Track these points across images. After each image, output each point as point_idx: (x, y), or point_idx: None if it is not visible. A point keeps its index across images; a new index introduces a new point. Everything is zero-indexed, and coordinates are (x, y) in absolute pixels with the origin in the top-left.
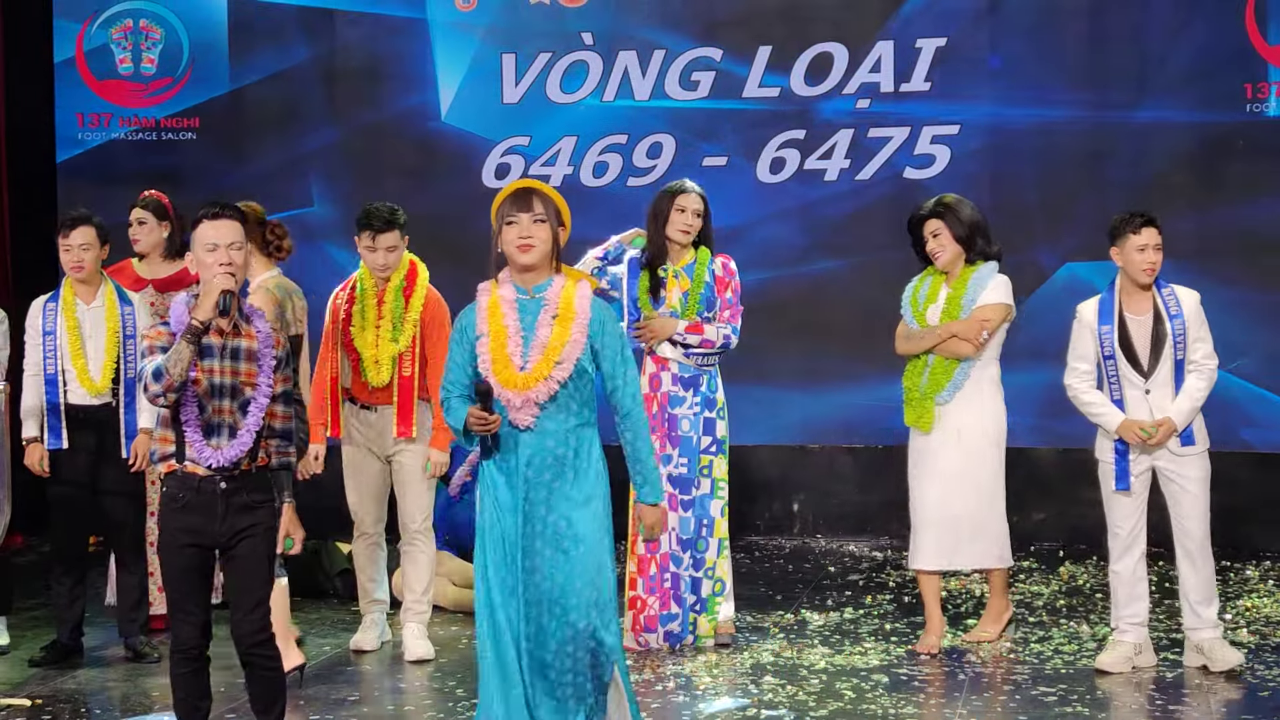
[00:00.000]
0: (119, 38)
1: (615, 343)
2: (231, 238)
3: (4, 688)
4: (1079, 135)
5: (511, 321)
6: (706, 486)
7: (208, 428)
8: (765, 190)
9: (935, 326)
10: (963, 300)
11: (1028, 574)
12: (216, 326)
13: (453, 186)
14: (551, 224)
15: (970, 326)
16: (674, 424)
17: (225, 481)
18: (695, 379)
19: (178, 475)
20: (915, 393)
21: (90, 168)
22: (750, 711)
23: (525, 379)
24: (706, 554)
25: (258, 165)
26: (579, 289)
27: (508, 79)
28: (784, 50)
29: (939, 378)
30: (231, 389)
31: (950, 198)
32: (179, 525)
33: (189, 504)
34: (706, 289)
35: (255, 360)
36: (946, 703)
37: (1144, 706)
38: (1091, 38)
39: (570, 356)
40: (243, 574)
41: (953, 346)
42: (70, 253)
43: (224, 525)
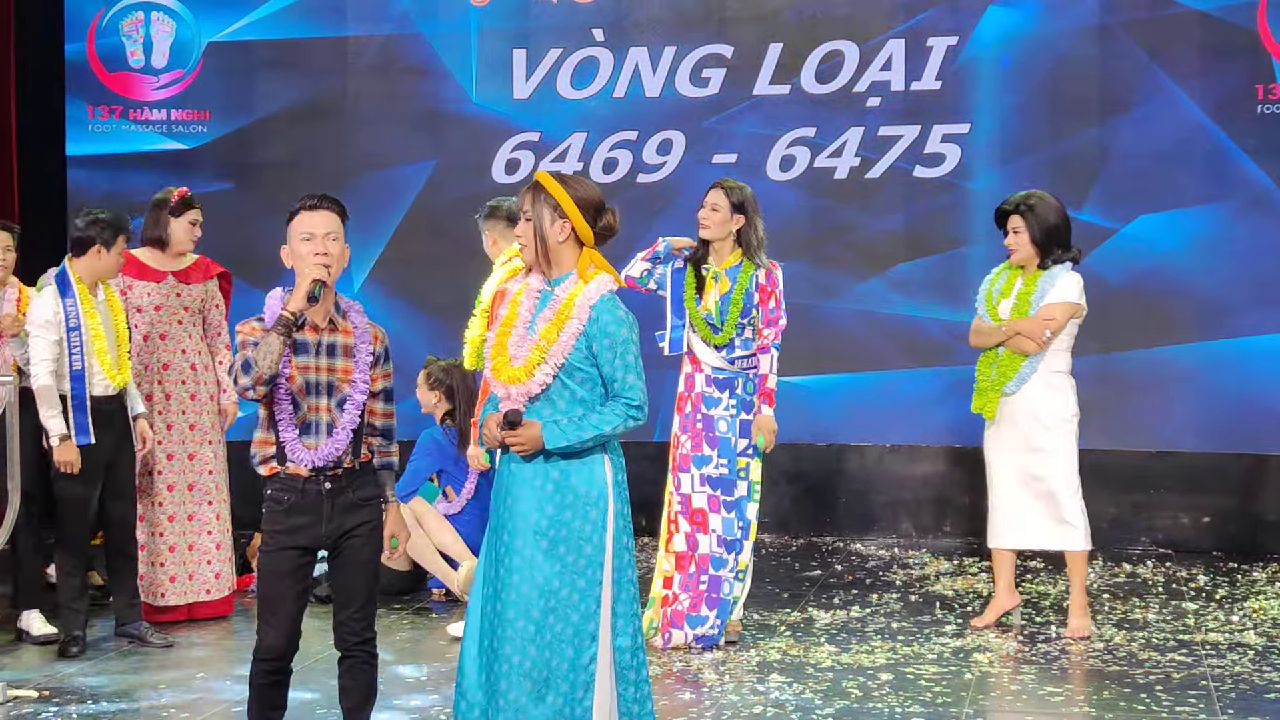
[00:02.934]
0: (130, 30)
1: (617, 346)
2: (328, 228)
3: (10, 679)
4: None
5: (524, 311)
6: (743, 489)
7: (304, 426)
8: (775, 188)
9: (1004, 323)
10: (1031, 298)
11: (1034, 574)
12: (311, 322)
13: (465, 180)
14: (542, 220)
15: (1035, 325)
16: (710, 425)
17: (329, 481)
18: (730, 380)
19: (280, 478)
20: (985, 381)
21: (100, 160)
22: (757, 709)
23: (512, 372)
24: (742, 556)
25: (269, 159)
26: (588, 287)
27: (518, 74)
28: (795, 48)
29: (1006, 370)
30: (328, 386)
31: (1037, 197)
32: (283, 528)
33: (294, 506)
34: (747, 297)
35: (351, 356)
36: (953, 702)
37: (1150, 708)
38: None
39: (556, 355)
40: (350, 573)
41: (1018, 343)
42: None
43: (330, 526)
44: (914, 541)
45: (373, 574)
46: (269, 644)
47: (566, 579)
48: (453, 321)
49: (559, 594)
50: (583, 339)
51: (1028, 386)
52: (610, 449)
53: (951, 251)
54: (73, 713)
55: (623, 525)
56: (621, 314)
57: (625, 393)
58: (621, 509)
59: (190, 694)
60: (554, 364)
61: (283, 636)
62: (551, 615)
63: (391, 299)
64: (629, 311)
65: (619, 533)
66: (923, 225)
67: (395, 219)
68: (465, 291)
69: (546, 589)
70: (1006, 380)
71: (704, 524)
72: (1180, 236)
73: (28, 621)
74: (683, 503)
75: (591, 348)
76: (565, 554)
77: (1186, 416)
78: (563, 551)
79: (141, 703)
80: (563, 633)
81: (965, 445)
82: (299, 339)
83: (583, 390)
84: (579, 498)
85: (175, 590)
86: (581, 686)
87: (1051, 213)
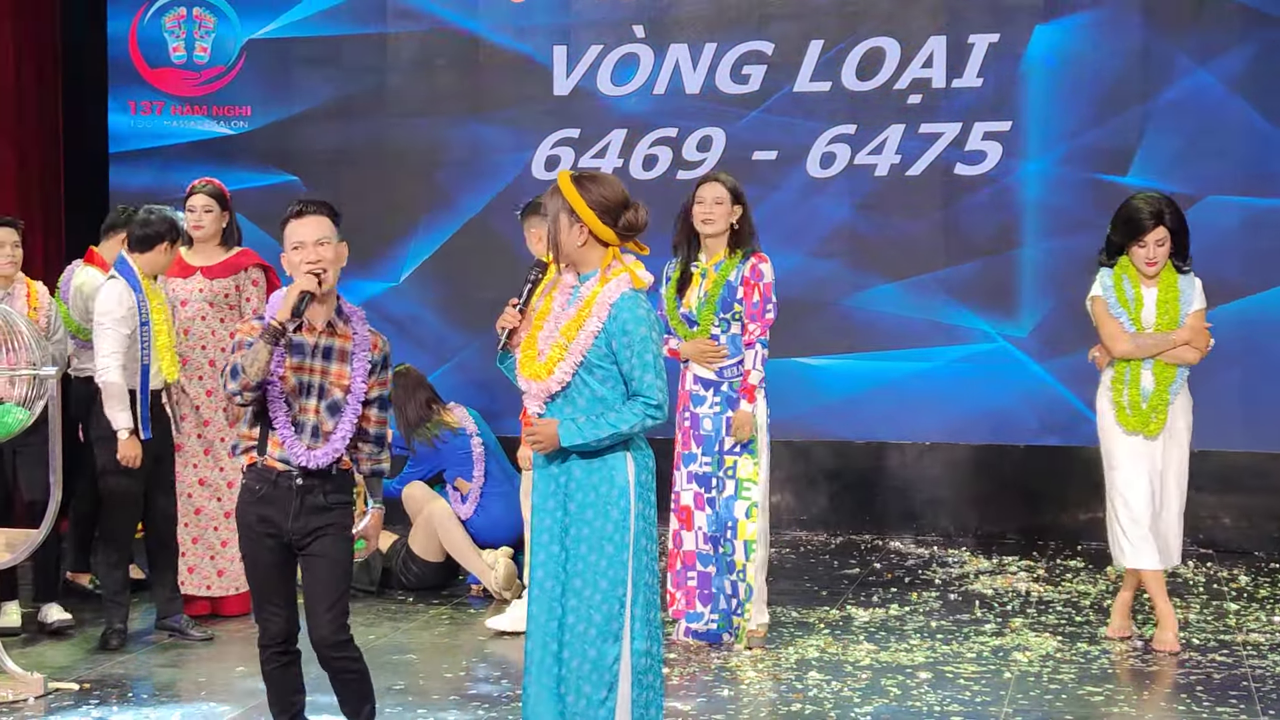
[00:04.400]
0: (172, 26)
1: (635, 344)
2: (317, 234)
3: (52, 671)
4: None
5: (556, 307)
6: (730, 488)
7: (296, 426)
8: (815, 185)
9: (1168, 333)
10: (1179, 303)
11: (1075, 573)
12: (310, 324)
13: (504, 176)
14: (558, 224)
15: (1200, 336)
16: (696, 423)
17: (301, 478)
18: (716, 381)
19: (257, 468)
20: (1137, 396)
21: (142, 155)
22: (795, 707)
23: (535, 369)
24: (735, 556)
25: (309, 154)
26: (609, 285)
27: (558, 71)
28: (836, 44)
29: (1163, 381)
30: (319, 389)
31: (1167, 203)
32: (255, 515)
33: (264, 496)
34: (726, 290)
35: (347, 361)
36: (992, 701)
37: (1190, 708)
38: (1147, 31)
39: (575, 352)
40: (316, 576)
41: (1180, 354)
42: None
43: (296, 523)
44: (953, 540)
45: (343, 573)
46: (271, 632)
47: (589, 579)
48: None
49: (581, 594)
50: (602, 336)
51: (1180, 396)
52: (634, 447)
53: (992, 250)
54: (113, 705)
55: (643, 526)
56: (642, 313)
57: (644, 391)
58: (643, 509)
59: (230, 687)
60: (573, 362)
61: (280, 621)
62: (573, 615)
63: (433, 294)
64: (651, 310)
65: (639, 534)
66: (963, 223)
67: (435, 215)
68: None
69: (569, 588)
70: (1165, 393)
71: (689, 521)
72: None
73: (45, 614)
74: (673, 500)
75: (611, 345)
76: (587, 553)
77: (1227, 416)
78: (584, 551)
79: (181, 696)
80: (585, 633)
81: (1004, 443)
82: (296, 340)
83: (603, 388)
84: (600, 496)
85: (193, 581)
86: (605, 686)
87: (1183, 218)
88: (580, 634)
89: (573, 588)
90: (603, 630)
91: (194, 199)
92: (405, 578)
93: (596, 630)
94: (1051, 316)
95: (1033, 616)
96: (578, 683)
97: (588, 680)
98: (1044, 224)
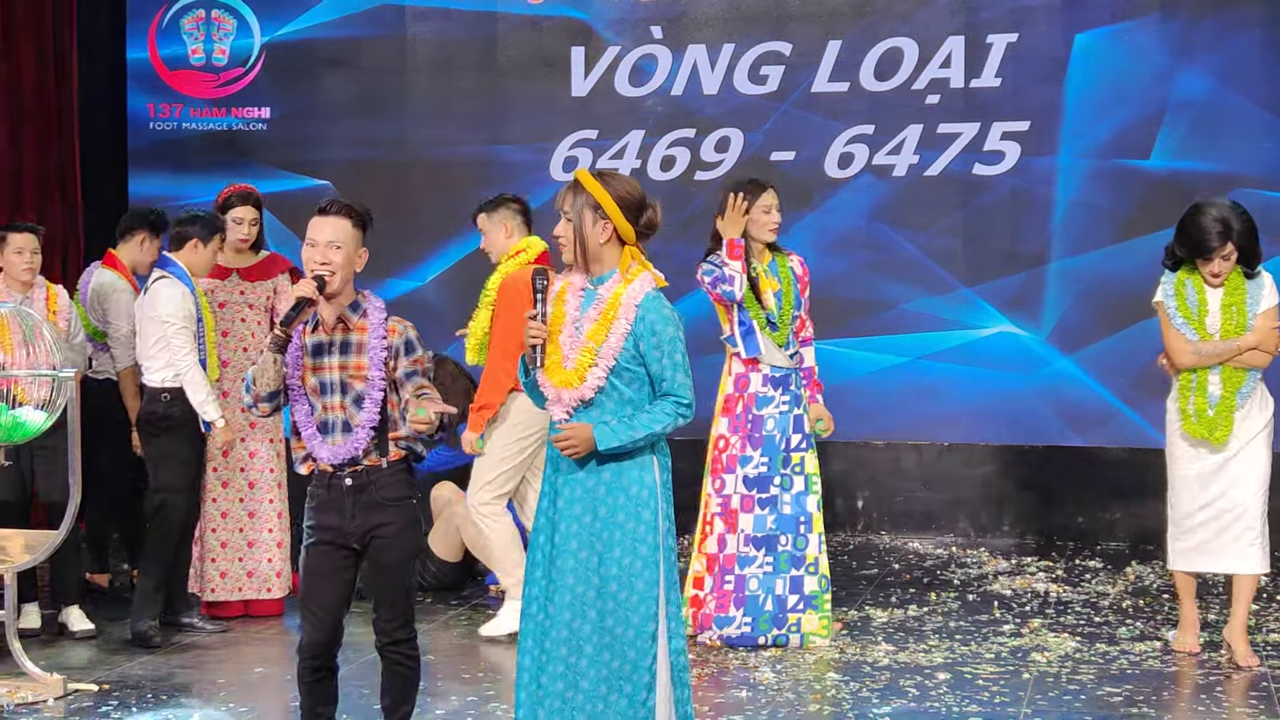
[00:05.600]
0: (191, 28)
1: (664, 344)
2: (331, 236)
3: (71, 672)
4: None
5: (571, 310)
6: (800, 484)
7: (321, 425)
8: (833, 185)
9: (1233, 340)
10: (1246, 307)
11: (1094, 574)
12: (323, 322)
13: (523, 178)
14: (583, 221)
15: (1270, 338)
16: (758, 424)
17: (350, 478)
18: (786, 378)
19: (316, 474)
20: (1204, 403)
21: (161, 158)
22: (813, 708)
23: (565, 375)
24: (807, 550)
25: (328, 156)
26: (632, 286)
27: (576, 72)
28: (854, 45)
29: (1231, 387)
30: (341, 384)
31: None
32: (314, 523)
33: (322, 502)
34: (795, 288)
35: (363, 352)
36: (1011, 702)
37: (1210, 708)
38: (1163, 33)
39: (606, 357)
40: (378, 575)
41: (1250, 359)
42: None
43: (354, 523)
44: (971, 540)
45: (401, 575)
46: (308, 640)
47: (625, 581)
48: None
49: (617, 596)
50: (630, 338)
51: (1251, 400)
52: (658, 449)
53: (1011, 250)
54: (132, 706)
55: (668, 527)
56: (668, 312)
57: (675, 391)
58: (667, 510)
59: (249, 689)
60: (605, 366)
61: (321, 633)
62: (611, 618)
63: (454, 293)
64: (674, 309)
65: (666, 533)
66: (981, 223)
67: (454, 217)
68: None
69: (605, 591)
70: (1232, 399)
71: (734, 524)
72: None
73: (66, 617)
74: (722, 504)
75: (638, 346)
76: (621, 556)
77: None
78: (619, 554)
79: (201, 697)
80: (624, 635)
81: (1022, 444)
82: (313, 340)
83: (630, 390)
84: (630, 499)
85: (225, 586)
86: (645, 687)
87: (1253, 226)
88: (619, 636)
89: (609, 591)
90: (640, 631)
91: (239, 210)
92: (423, 577)
93: (635, 631)
94: (1072, 316)
95: (1051, 617)
96: (619, 683)
97: (629, 680)
98: (1064, 224)
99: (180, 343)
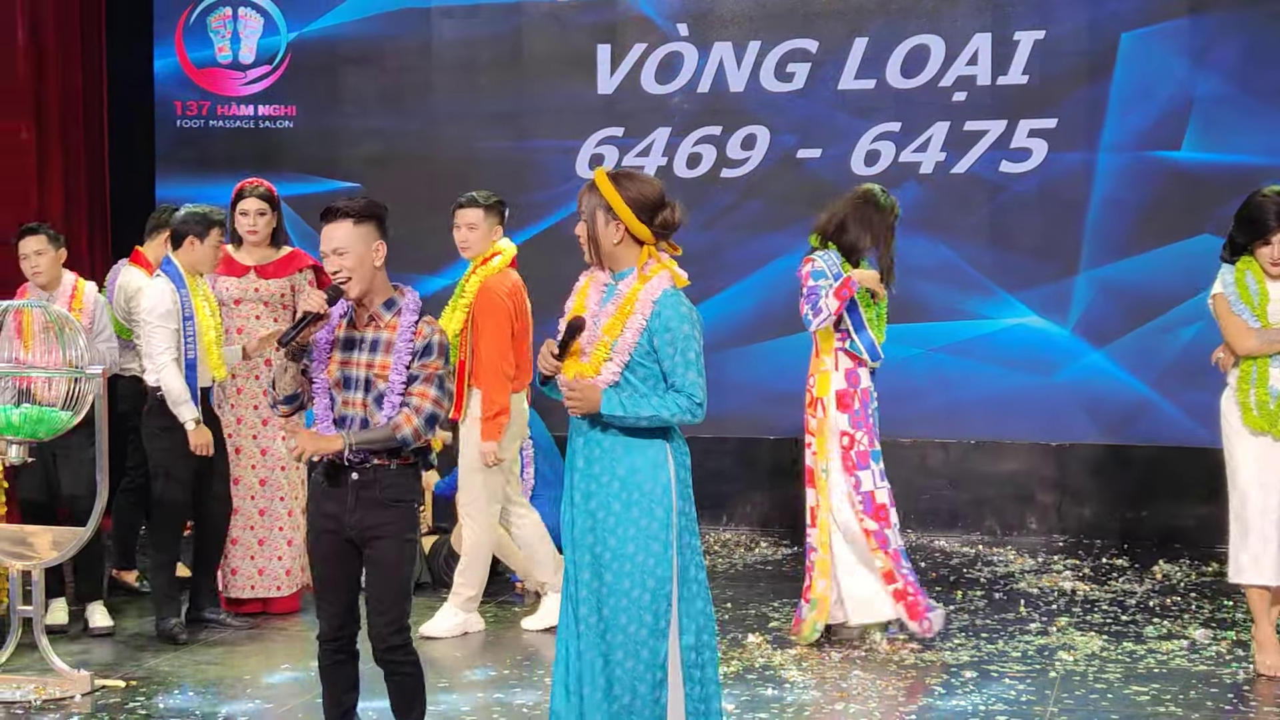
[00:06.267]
0: (218, 26)
1: (678, 341)
2: (335, 243)
3: (98, 668)
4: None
5: (592, 305)
6: None
7: (339, 420)
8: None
9: None
10: None
11: (1120, 572)
12: (354, 320)
13: (549, 176)
14: (596, 222)
15: None
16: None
17: (357, 473)
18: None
19: (323, 463)
20: (1265, 394)
21: (188, 155)
22: (839, 705)
23: (580, 368)
24: None
25: (354, 154)
26: (650, 282)
27: (602, 70)
28: (880, 42)
29: None
30: (364, 381)
31: None
32: (317, 510)
33: (325, 491)
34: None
35: (390, 352)
36: (1037, 700)
37: (1238, 707)
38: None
39: (622, 350)
40: (374, 575)
41: None
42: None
43: (353, 516)
44: (998, 539)
45: (396, 577)
46: (322, 628)
47: (637, 578)
48: (539, 315)
49: (630, 593)
50: (645, 334)
51: None
52: (673, 444)
53: (1038, 246)
54: (159, 702)
55: (685, 523)
56: (684, 310)
57: (685, 388)
58: (683, 506)
59: (275, 685)
60: (620, 360)
61: (338, 617)
62: (624, 615)
63: None
64: (693, 308)
65: (681, 530)
66: (1008, 220)
67: None
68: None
69: (617, 588)
70: None
71: (888, 520)
72: None
73: (90, 613)
74: (864, 500)
75: (653, 342)
76: (634, 553)
77: None
78: (631, 550)
79: (227, 693)
80: (637, 633)
81: (1049, 442)
82: (345, 335)
83: (645, 387)
84: (645, 495)
85: (236, 583)
86: (657, 684)
87: None
88: (632, 635)
89: (621, 588)
90: (653, 629)
91: (246, 202)
92: (448, 576)
93: (648, 630)
94: (1100, 311)
95: (1078, 615)
96: (632, 683)
97: (641, 680)
98: (1092, 220)
99: (157, 339)
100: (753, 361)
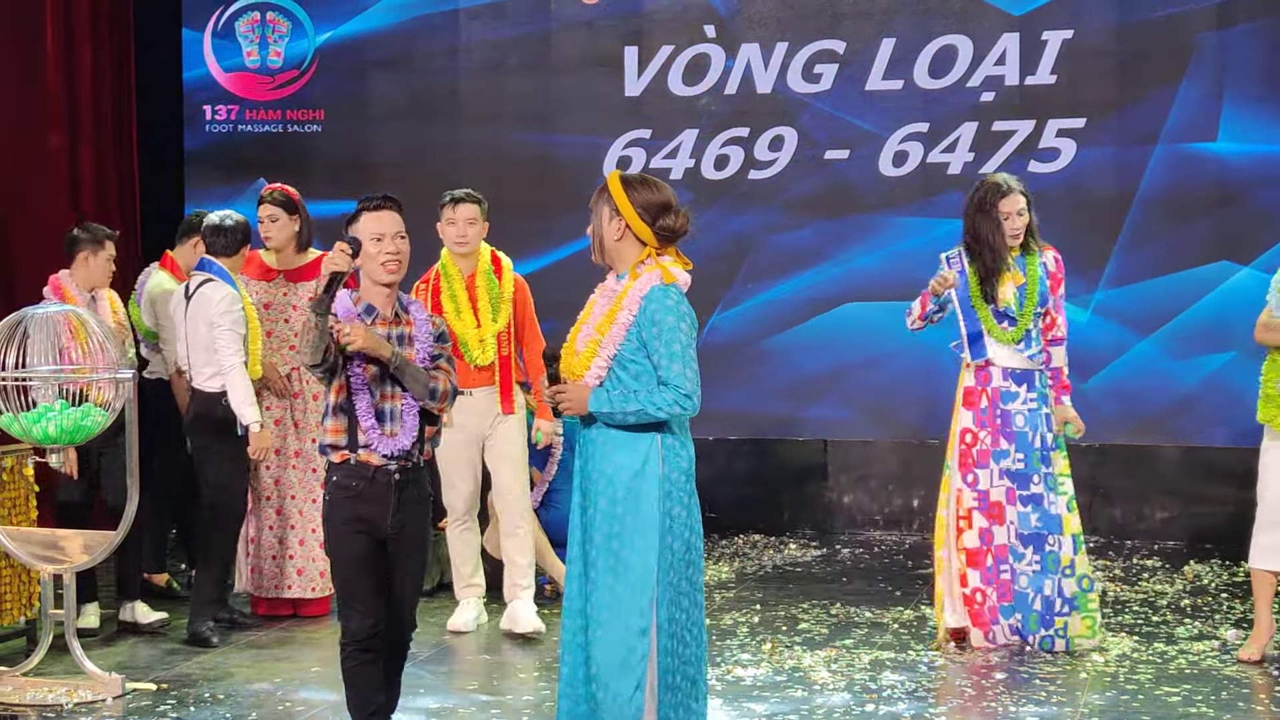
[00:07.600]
0: (246, 30)
1: (663, 333)
2: (396, 227)
3: (130, 672)
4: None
5: (598, 308)
6: (1049, 483)
7: (379, 414)
8: (888, 183)
9: None
10: None
11: (1151, 573)
12: (383, 315)
13: (576, 178)
14: (600, 218)
15: None
16: (1008, 419)
17: (399, 472)
18: (1029, 374)
19: (350, 465)
20: (1273, 388)
21: (217, 159)
22: (869, 707)
23: (571, 366)
24: (1061, 552)
25: (382, 158)
26: (640, 280)
27: (630, 71)
28: (908, 43)
29: None
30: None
31: None
32: (351, 514)
33: (360, 493)
34: (1041, 284)
35: (413, 345)
36: (1068, 701)
37: (1270, 708)
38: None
39: (609, 346)
40: (405, 567)
41: None
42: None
43: (395, 518)
44: None
45: (421, 572)
46: (352, 629)
47: (620, 574)
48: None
49: (613, 589)
50: (634, 329)
51: None
52: (666, 442)
53: (1067, 247)
54: (190, 705)
55: (671, 525)
56: (670, 303)
57: (673, 380)
58: (670, 508)
59: (306, 688)
60: (607, 356)
61: (372, 615)
62: (605, 611)
63: None
64: (682, 303)
65: (665, 531)
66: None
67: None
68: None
69: (600, 584)
70: None
71: (1000, 517)
72: None
73: (131, 612)
74: (980, 498)
75: (641, 337)
76: (618, 549)
77: None
78: (616, 547)
79: (257, 696)
80: (616, 631)
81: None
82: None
83: (636, 384)
84: (630, 492)
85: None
86: (632, 685)
87: None
88: (612, 632)
89: (604, 584)
90: (631, 626)
91: (261, 209)
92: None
93: (627, 629)
94: (1133, 311)
95: (1109, 616)
96: (607, 679)
97: (617, 678)
98: (1120, 219)
99: (225, 343)
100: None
